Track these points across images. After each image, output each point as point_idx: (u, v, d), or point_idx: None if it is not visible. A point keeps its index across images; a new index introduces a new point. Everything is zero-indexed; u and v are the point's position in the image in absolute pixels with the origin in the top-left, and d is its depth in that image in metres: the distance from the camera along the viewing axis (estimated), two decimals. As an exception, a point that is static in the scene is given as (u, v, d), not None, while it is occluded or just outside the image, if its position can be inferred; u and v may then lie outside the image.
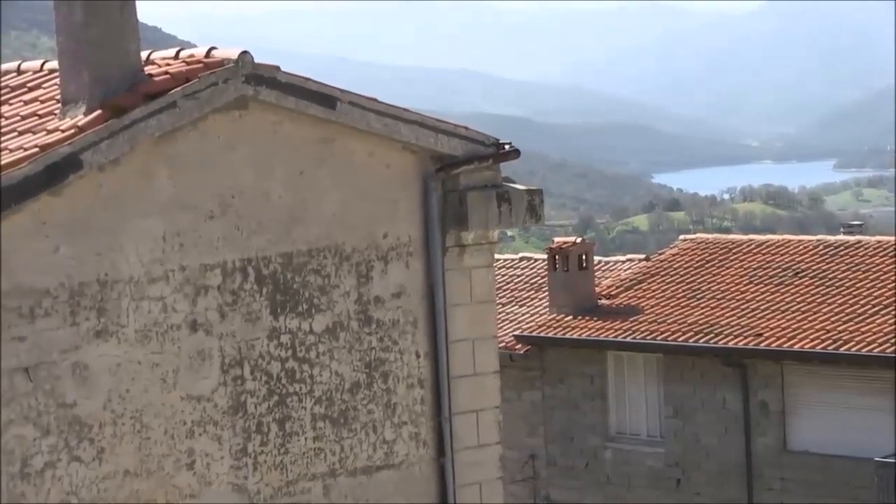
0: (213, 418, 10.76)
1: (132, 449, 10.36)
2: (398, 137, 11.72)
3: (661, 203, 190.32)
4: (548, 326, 32.55)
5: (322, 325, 11.36)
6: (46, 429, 9.98)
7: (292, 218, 11.22)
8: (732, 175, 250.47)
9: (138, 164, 10.41)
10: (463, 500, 12.03)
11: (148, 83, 10.52)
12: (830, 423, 29.58)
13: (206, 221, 10.76)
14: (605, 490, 32.26)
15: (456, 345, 12.04)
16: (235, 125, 10.90)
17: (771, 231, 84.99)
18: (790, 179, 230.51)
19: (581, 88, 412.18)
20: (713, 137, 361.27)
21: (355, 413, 11.53)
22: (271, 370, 11.08)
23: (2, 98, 11.38)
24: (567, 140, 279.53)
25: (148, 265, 10.47)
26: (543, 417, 32.78)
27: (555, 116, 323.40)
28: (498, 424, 12.42)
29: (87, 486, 10.14)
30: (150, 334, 10.46)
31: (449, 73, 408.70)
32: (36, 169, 9.84)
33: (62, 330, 10.04)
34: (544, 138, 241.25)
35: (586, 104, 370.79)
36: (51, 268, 10.02)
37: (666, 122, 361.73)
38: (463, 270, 12.13)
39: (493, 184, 12.19)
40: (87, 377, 10.16)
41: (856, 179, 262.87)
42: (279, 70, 11.02)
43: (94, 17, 10.38)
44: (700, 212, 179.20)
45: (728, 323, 30.56)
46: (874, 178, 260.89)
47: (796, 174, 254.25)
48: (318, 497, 11.31)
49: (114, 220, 10.31)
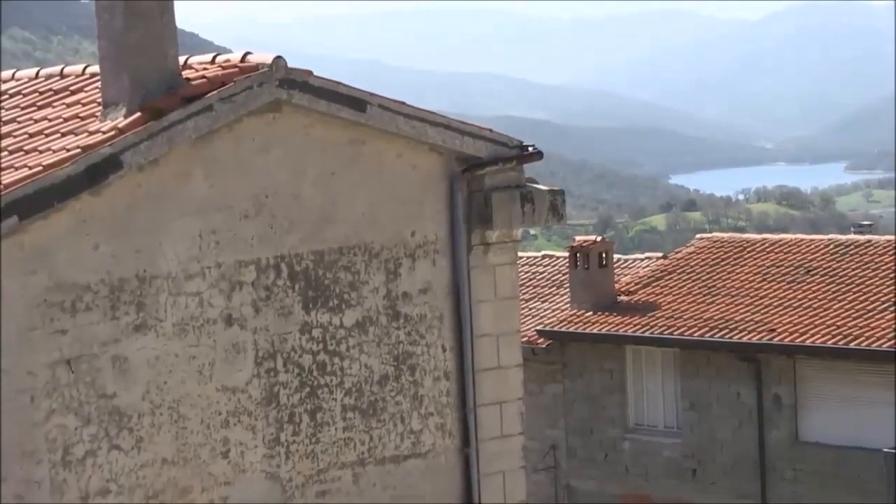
0: (247, 409, 10.78)
1: (169, 438, 10.38)
2: (425, 139, 11.72)
3: (678, 203, 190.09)
4: (569, 322, 32.54)
5: (352, 320, 11.37)
6: (87, 418, 10.01)
7: (323, 217, 11.22)
8: (747, 176, 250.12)
9: (176, 165, 10.43)
10: (487, 489, 12.04)
11: (185, 87, 10.54)
12: (841, 416, 29.51)
13: (241, 220, 10.77)
14: (623, 480, 32.24)
15: (481, 339, 12.04)
16: (269, 128, 10.91)
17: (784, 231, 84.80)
18: (803, 181, 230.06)
19: (601, 93, 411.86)
20: (729, 140, 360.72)
21: (384, 404, 11.54)
22: (303, 363, 11.10)
23: (46, 101, 11.41)
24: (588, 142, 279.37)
25: (185, 262, 10.49)
26: (564, 409, 32.76)
27: (576, 120, 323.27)
28: (521, 416, 12.41)
29: (126, 474, 10.17)
30: (186, 328, 10.48)
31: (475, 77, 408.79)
32: (78, 169, 9.86)
33: (102, 324, 10.07)
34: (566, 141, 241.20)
35: (606, 108, 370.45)
36: (92, 264, 10.05)
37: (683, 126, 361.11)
38: (487, 268, 12.13)
39: (516, 184, 12.19)
40: (126, 369, 10.18)
41: (866, 181, 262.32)
42: (311, 74, 11.03)
43: (134, 23, 10.40)
44: (716, 212, 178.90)
45: (742, 319, 30.51)
46: (884, 179, 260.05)
47: (809, 176, 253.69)
48: (348, 485, 11.32)
49: (152, 219, 10.33)
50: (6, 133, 10.87)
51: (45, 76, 12.01)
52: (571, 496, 33.05)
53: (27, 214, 9.65)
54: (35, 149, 10.33)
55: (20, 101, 11.58)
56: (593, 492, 32.70)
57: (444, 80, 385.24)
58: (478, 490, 11.97)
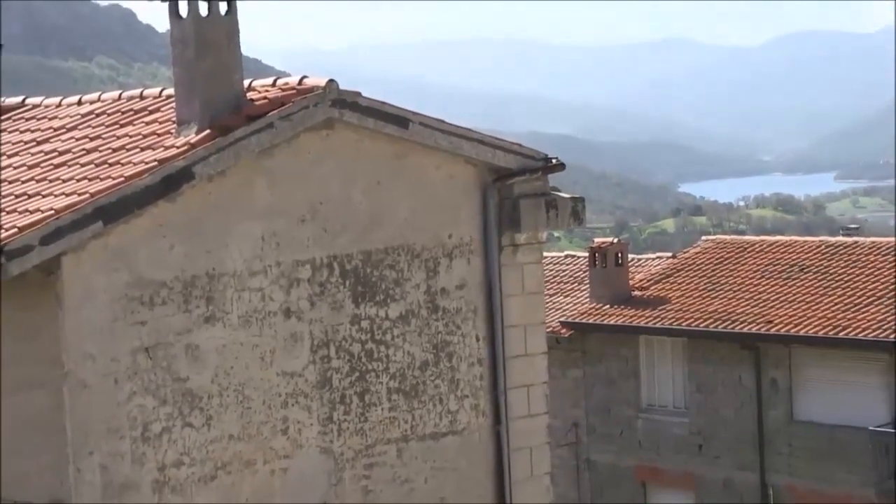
0: (303, 391, 10.79)
1: (235, 417, 10.39)
2: (461, 153, 11.71)
3: (685, 209, 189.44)
4: (588, 314, 32.52)
5: (396, 313, 11.36)
6: (164, 399, 10.04)
7: (371, 221, 11.22)
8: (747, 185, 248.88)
9: (241, 176, 10.45)
10: (516, 462, 12.02)
11: (249, 107, 10.56)
12: (832, 398, 29.39)
13: (299, 224, 10.78)
14: (637, 454, 32.19)
15: (510, 329, 12.02)
16: (323, 142, 10.92)
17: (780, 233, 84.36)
18: (797, 189, 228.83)
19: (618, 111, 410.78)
20: (731, 153, 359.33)
21: (424, 387, 11.53)
22: (353, 350, 11.10)
23: (127, 120, 11.46)
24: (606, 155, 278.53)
25: (249, 261, 10.50)
26: (584, 392, 32.73)
27: (595, 135, 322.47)
28: (546, 398, 12.38)
29: (197, 448, 10.19)
30: (250, 320, 10.50)
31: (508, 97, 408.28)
32: (155, 179, 9.90)
33: (177, 316, 10.10)
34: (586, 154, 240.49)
35: (622, 125, 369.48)
36: (167, 263, 10.08)
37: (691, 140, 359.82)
38: (516, 266, 12.11)
39: (542, 192, 12.16)
40: (197, 356, 10.21)
41: (853, 189, 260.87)
42: (360, 95, 11.04)
43: (204, 53, 10.43)
44: (719, 216, 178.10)
45: (743, 312, 30.43)
46: (869, 188, 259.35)
47: (802, 185, 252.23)
48: (393, 458, 11.31)
49: (220, 223, 10.36)
50: (93, 147, 10.92)
51: (126, 98, 12.06)
52: (591, 468, 33.01)
53: (111, 219, 9.69)
54: (118, 161, 10.37)
55: (105, 119, 11.63)
56: (610, 464, 32.67)
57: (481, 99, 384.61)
58: (508, 463, 11.95)
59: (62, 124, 11.85)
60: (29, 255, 9.31)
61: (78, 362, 9.61)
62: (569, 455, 32.49)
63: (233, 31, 10.55)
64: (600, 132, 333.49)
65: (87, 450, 9.63)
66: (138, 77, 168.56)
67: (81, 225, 9.54)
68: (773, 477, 30.16)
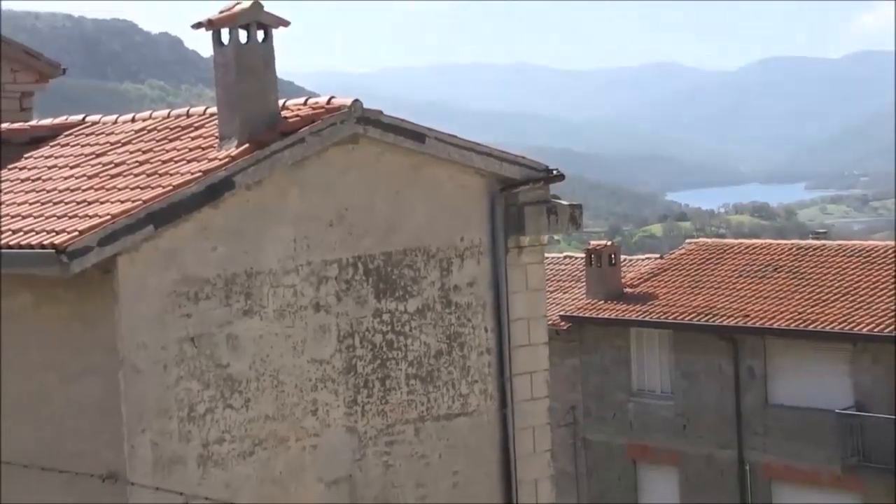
0: (331, 376, 10.80)
1: (271, 399, 10.41)
2: (472, 165, 11.71)
3: (672, 215, 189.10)
4: (585, 308, 32.54)
5: (414, 307, 11.36)
6: (207, 383, 10.05)
7: (391, 226, 11.23)
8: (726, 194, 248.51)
9: (276, 185, 10.46)
10: (520, 441, 12.01)
11: (283, 124, 10.57)
12: (802, 384, 29.37)
13: (327, 228, 10.79)
14: (628, 433, 32.20)
15: (515, 322, 12.01)
16: (349, 155, 10.93)
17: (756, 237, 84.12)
18: (771, 197, 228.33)
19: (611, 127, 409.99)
20: (712, 165, 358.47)
21: (439, 373, 11.53)
22: (375, 340, 11.10)
23: (175, 135, 11.48)
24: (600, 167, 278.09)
25: (283, 261, 10.51)
26: (581, 378, 32.73)
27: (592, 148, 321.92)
28: (547, 383, 12.38)
29: (237, 427, 10.20)
30: (284, 313, 10.51)
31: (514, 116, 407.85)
32: (200, 188, 9.91)
33: (219, 309, 10.11)
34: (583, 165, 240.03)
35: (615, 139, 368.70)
36: (210, 262, 10.09)
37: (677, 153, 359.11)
38: (520, 266, 12.10)
39: (543, 200, 12.15)
40: (237, 345, 10.22)
41: (822, 197, 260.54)
42: (382, 113, 11.04)
43: (244, 76, 10.44)
44: (702, 222, 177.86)
45: (723, 307, 30.42)
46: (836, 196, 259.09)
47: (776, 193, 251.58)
48: (411, 437, 11.32)
49: (257, 227, 10.37)
50: (145, 160, 10.94)
51: (175, 116, 12.09)
52: (587, 447, 33.01)
53: (161, 223, 9.70)
54: (167, 172, 10.39)
55: (156, 135, 11.65)
56: (604, 443, 32.68)
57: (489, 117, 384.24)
58: (513, 441, 11.94)
59: (118, 139, 11.88)
60: (88, 255, 9.33)
61: (131, 351, 9.63)
62: (567, 434, 32.51)
63: (269, 56, 10.56)
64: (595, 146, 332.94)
65: (140, 428, 9.65)
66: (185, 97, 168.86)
67: (135, 228, 9.55)
68: (750, 454, 30.14)
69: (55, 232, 9.57)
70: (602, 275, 32.62)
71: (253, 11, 10.36)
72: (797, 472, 29.28)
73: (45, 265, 9.38)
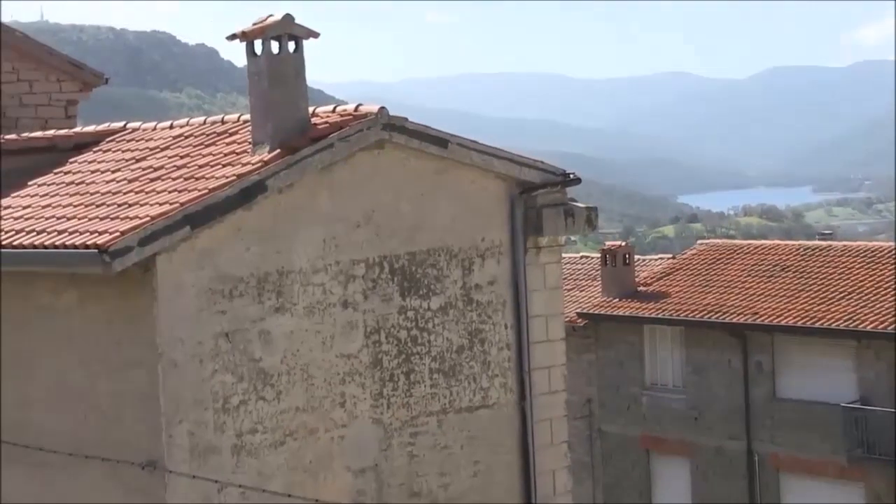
0: (358, 370, 10.79)
1: (301, 392, 10.41)
2: (493, 169, 11.69)
3: (683, 217, 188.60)
4: (600, 306, 32.48)
5: (437, 304, 11.35)
6: (241, 376, 10.06)
7: (415, 227, 11.22)
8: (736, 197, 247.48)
9: (306, 188, 10.46)
10: (538, 432, 11.98)
11: (313, 130, 10.58)
12: (808, 378, 29.26)
13: (355, 229, 10.79)
14: (641, 425, 32.14)
15: (534, 319, 11.98)
16: (375, 160, 10.93)
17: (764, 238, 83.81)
18: (779, 200, 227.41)
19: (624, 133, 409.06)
20: (723, 169, 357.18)
21: (461, 368, 11.51)
22: (400, 336, 11.09)
23: (211, 141, 11.51)
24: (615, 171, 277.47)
25: (313, 260, 10.52)
26: (597, 372, 32.67)
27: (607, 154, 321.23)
28: (564, 377, 12.34)
29: (269, 418, 10.21)
30: (314, 310, 10.50)
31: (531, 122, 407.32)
32: (234, 191, 9.93)
33: (252, 306, 10.12)
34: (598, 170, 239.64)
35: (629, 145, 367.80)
36: (244, 262, 10.10)
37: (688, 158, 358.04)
38: (539, 265, 12.07)
39: (561, 203, 12.12)
40: (269, 340, 10.22)
41: (827, 200, 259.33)
42: (407, 120, 11.03)
43: (276, 85, 10.46)
44: (712, 223, 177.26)
45: (733, 304, 30.32)
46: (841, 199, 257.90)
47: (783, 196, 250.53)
48: (434, 428, 11.30)
49: (289, 228, 10.38)
50: (183, 164, 10.97)
51: (210, 123, 12.11)
52: (602, 438, 32.95)
53: (197, 224, 9.72)
54: (203, 176, 10.41)
55: (193, 140, 11.68)
56: (619, 434, 32.61)
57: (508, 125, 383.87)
58: (532, 432, 11.92)
59: (157, 145, 11.91)
60: (129, 254, 9.36)
61: (170, 345, 9.66)
62: (583, 426, 32.46)
63: (299, 66, 10.57)
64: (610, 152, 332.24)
65: (178, 419, 9.67)
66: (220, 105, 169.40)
67: (173, 229, 9.58)
68: (758, 445, 30.03)
69: (98, 233, 9.60)
70: (617, 274, 32.56)
71: (284, 24, 10.38)
72: (803, 463, 29.15)
73: (88, 264, 9.42)
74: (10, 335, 10.71)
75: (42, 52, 16.08)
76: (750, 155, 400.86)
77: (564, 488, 12.26)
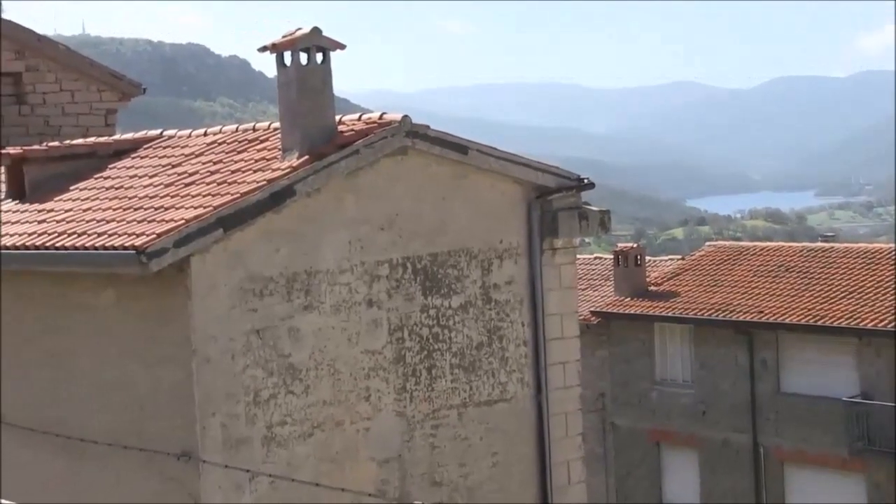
0: (382, 366, 10.78)
1: (328, 386, 10.41)
2: (511, 174, 11.66)
3: (692, 220, 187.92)
4: (613, 305, 32.39)
5: (457, 303, 11.33)
6: (271, 371, 10.07)
7: (437, 229, 11.20)
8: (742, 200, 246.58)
9: (333, 193, 10.46)
10: (554, 425, 11.95)
11: (340, 137, 10.57)
12: (811, 374, 29.12)
13: (379, 232, 10.78)
14: (651, 419, 32.04)
15: (549, 317, 11.95)
16: (398, 166, 10.91)
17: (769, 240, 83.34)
18: (783, 204, 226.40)
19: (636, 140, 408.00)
20: (729, 174, 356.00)
21: (480, 363, 11.49)
22: (422, 333, 11.08)
23: (243, 147, 11.52)
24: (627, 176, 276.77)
25: (339, 261, 10.51)
26: (609, 368, 32.59)
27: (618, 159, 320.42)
28: (578, 372, 12.31)
29: (297, 411, 10.22)
30: (340, 308, 10.50)
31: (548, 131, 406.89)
32: (264, 195, 9.93)
33: (281, 305, 10.12)
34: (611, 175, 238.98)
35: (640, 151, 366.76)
36: (274, 262, 10.11)
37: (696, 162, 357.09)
38: (554, 266, 12.04)
39: (575, 206, 12.08)
40: (298, 337, 10.23)
41: (830, 204, 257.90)
42: (429, 128, 11.02)
43: (304, 95, 10.46)
44: (720, 226, 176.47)
45: (739, 303, 30.19)
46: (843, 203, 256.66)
47: (787, 200, 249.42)
48: (454, 420, 11.29)
49: (316, 231, 10.38)
50: (216, 170, 10.98)
51: (242, 130, 12.13)
52: (614, 430, 32.87)
53: (230, 227, 9.73)
54: (235, 181, 10.42)
55: (225, 147, 11.70)
56: (630, 427, 32.52)
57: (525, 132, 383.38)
58: (547, 425, 11.89)
59: (191, 151, 11.94)
60: (165, 255, 9.38)
61: (203, 342, 9.67)
62: (596, 419, 32.39)
63: (327, 77, 10.57)
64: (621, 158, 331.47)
65: (211, 411, 9.68)
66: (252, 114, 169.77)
67: (206, 232, 9.59)
68: (764, 438, 29.89)
69: (136, 235, 9.62)
70: (628, 274, 32.47)
71: (313, 36, 10.38)
72: (807, 455, 29.01)
73: (126, 265, 9.45)
74: (51, 332, 10.75)
75: (84, 64, 16.16)
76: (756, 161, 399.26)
77: (578, 478, 12.22)
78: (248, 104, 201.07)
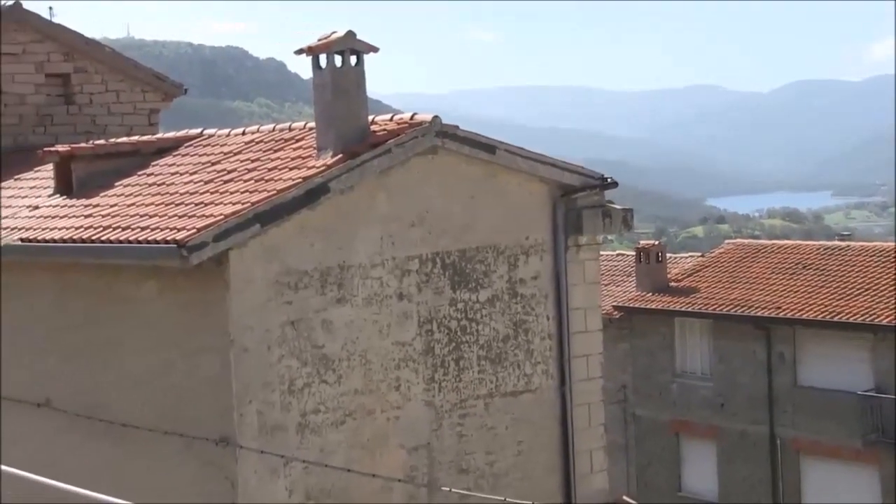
0: (412, 357, 10.78)
1: (360, 376, 10.41)
2: (537, 173, 11.62)
3: (712, 218, 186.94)
4: (635, 300, 32.28)
5: (485, 297, 11.31)
6: (305, 362, 10.08)
7: (465, 226, 11.18)
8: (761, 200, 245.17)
9: (366, 190, 10.46)
10: (577, 416, 11.92)
11: (372, 136, 10.57)
12: (827, 368, 28.92)
13: (409, 228, 10.78)
14: (672, 410, 31.91)
15: (574, 311, 11.91)
16: (429, 165, 10.90)
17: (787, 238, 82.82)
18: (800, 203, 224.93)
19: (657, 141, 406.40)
20: (748, 174, 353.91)
21: (506, 356, 11.47)
22: (451, 326, 11.06)
23: (279, 146, 11.54)
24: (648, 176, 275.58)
25: (371, 256, 10.51)
26: (631, 361, 32.48)
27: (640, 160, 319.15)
28: (601, 365, 12.27)
29: (330, 400, 10.23)
30: (372, 301, 10.51)
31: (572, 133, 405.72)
32: (300, 192, 9.94)
33: (315, 297, 10.13)
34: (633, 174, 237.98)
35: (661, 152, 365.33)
36: (309, 257, 10.12)
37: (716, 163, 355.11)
38: (578, 262, 12.00)
39: (599, 204, 12.04)
40: (331, 329, 10.24)
41: (846, 204, 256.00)
42: (458, 128, 10.99)
43: (339, 96, 10.46)
44: (739, 225, 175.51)
45: (758, 299, 30.02)
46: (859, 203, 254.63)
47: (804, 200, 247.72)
48: (481, 411, 11.27)
49: (349, 227, 10.38)
50: (253, 168, 11.00)
51: (279, 130, 12.14)
52: (636, 421, 32.76)
53: (266, 223, 9.75)
54: (272, 178, 10.43)
55: (263, 146, 11.72)
56: (651, 418, 32.42)
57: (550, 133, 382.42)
58: (571, 416, 11.86)
59: (230, 150, 11.96)
60: (205, 249, 9.40)
61: (240, 332, 9.69)
62: (618, 410, 32.29)
63: (360, 79, 10.57)
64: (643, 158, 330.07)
65: (248, 399, 9.71)
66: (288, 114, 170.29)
67: (244, 227, 9.60)
68: (780, 430, 29.72)
69: (177, 229, 9.65)
70: (650, 270, 32.35)
71: (347, 40, 10.38)
72: (822, 447, 28.82)
73: (168, 258, 9.48)
74: (96, 323, 10.80)
75: (128, 66, 16.23)
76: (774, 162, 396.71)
77: (600, 467, 12.19)
78: (284, 105, 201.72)
